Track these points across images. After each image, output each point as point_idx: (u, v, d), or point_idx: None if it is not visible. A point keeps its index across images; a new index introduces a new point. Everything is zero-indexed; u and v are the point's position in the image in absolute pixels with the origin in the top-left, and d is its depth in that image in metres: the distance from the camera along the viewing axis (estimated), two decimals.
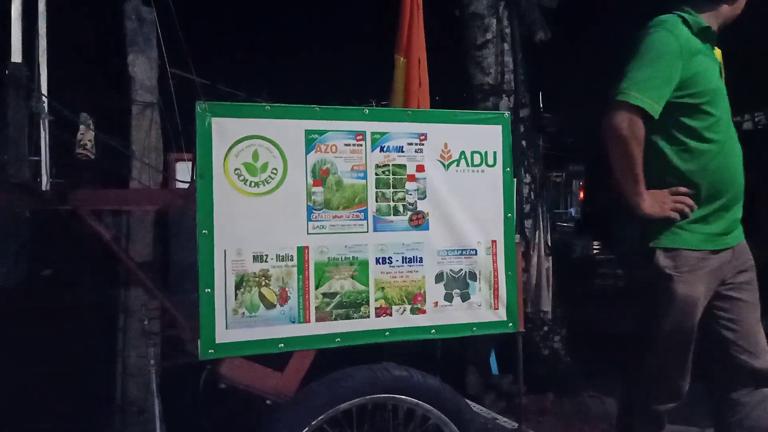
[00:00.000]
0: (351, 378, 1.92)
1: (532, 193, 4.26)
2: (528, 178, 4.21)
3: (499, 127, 2.18)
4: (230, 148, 1.91)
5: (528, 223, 4.04)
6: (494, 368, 3.97)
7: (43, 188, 2.51)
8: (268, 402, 1.95)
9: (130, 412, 2.96)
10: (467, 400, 2.08)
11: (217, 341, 1.86)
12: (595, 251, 11.22)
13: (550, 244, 4.03)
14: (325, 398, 1.88)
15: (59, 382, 4.09)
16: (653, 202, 2.19)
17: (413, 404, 1.97)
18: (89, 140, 2.89)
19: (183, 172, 2.80)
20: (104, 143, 2.89)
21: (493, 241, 2.17)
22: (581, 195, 14.58)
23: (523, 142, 4.12)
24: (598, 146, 2.24)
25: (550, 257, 3.91)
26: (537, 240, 3.88)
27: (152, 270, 2.88)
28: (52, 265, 6.31)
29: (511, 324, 2.19)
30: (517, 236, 2.21)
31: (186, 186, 2.70)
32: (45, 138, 2.68)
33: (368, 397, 1.92)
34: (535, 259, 3.82)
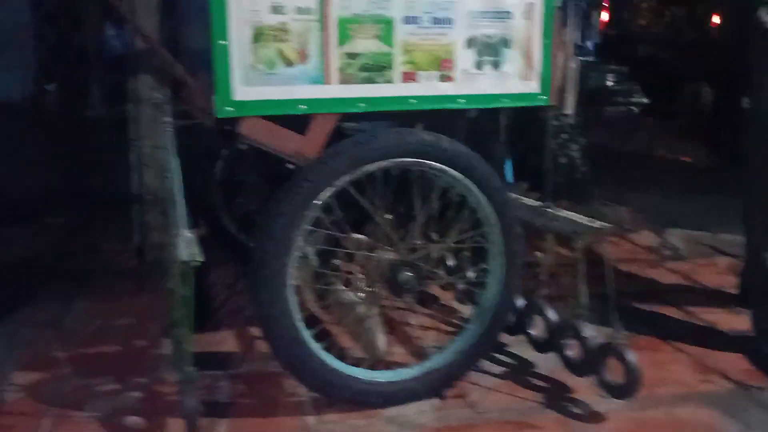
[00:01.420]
0: (377, 140, 1.82)
1: None
2: None
3: None
4: None
5: None
6: (509, 177, 3.91)
7: None
8: (289, 166, 1.87)
9: (147, 201, 2.93)
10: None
11: (234, 98, 1.75)
12: (608, 81, 10.96)
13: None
14: (350, 159, 1.78)
15: (76, 180, 4.12)
16: None
17: (440, 170, 1.89)
18: None
19: None
20: None
21: (530, 4, 1.99)
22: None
23: None
24: None
25: (578, 58, 3.68)
26: (565, 37, 3.63)
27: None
28: (56, 77, 6.18)
29: (544, 96, 2.07)
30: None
31: None
32: None
33: (394, 160, 1.83)
34: (560, 59, 3.60)
